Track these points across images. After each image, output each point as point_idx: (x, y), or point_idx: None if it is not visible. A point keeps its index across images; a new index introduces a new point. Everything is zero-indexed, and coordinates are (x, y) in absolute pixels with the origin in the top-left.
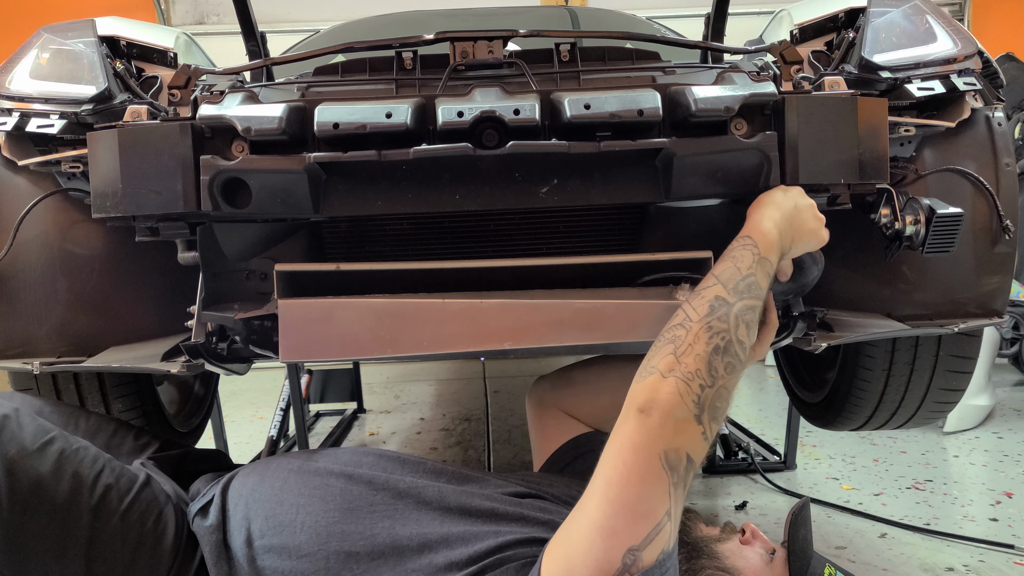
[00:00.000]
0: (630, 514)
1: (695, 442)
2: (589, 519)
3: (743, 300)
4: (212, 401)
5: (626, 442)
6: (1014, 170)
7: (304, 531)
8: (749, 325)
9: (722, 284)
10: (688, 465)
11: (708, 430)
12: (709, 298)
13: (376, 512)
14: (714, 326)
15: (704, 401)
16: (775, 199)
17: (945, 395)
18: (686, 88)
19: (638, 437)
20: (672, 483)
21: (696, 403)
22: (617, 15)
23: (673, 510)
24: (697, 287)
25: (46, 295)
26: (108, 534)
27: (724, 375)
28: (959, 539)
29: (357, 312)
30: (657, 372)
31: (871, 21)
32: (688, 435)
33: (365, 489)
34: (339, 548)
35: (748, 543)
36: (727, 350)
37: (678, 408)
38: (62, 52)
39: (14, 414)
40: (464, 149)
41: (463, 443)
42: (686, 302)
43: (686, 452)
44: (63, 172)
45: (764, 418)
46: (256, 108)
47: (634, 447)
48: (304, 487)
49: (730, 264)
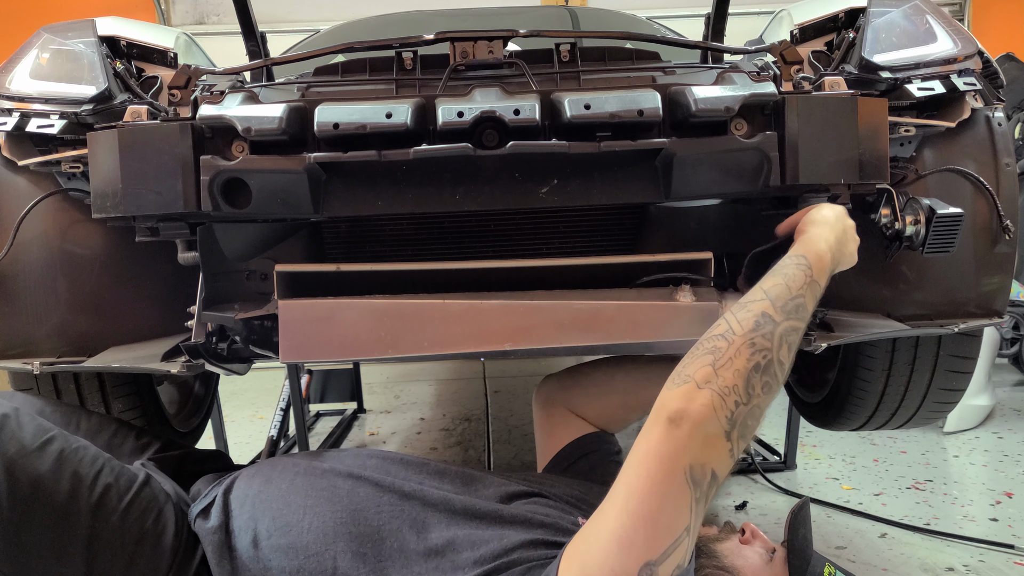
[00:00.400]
0: (650, 527)
1: (722, 459)
2: (608, 528)
3: (790, 320)
4: (212, 401)
5: (652, 452)
6: (1014, 170)
7: (311, 531)
8: (792, 347)
9: (771, 301)
10: (712, 481)
11: (736, 447)
12: (756, 312)
13: (383, 513)
14: (757, 343)
15: (737, 418)
16: (829, 219)
17: (945, 395)
18: (686, 88)
19: (665, 448)
20: (695, 498)
21: (729, 419)
22: (617, 15)
23: (692, 526)
24: (743, 299)
25: (46, 295)
26: (108, 533)
27: (760, 394)
28: (959, 539)
29: (357, 313)
30: (693, 382)
31: (871, 21)
32: (716, 451)
33: (372, 490)
34: (346, 549)
35: (747, 542)
36: (767, 369)
37: (710, 422)
38: (62, 52)
39: (14, 413)
40: (464, 149)
41: (463, 443)
42: (729, 312)
43: (711, 468)
44: (63, 172)
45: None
46: (256, 108)
47: (660, 458)
48: (311, 488)
49: (781, 281)
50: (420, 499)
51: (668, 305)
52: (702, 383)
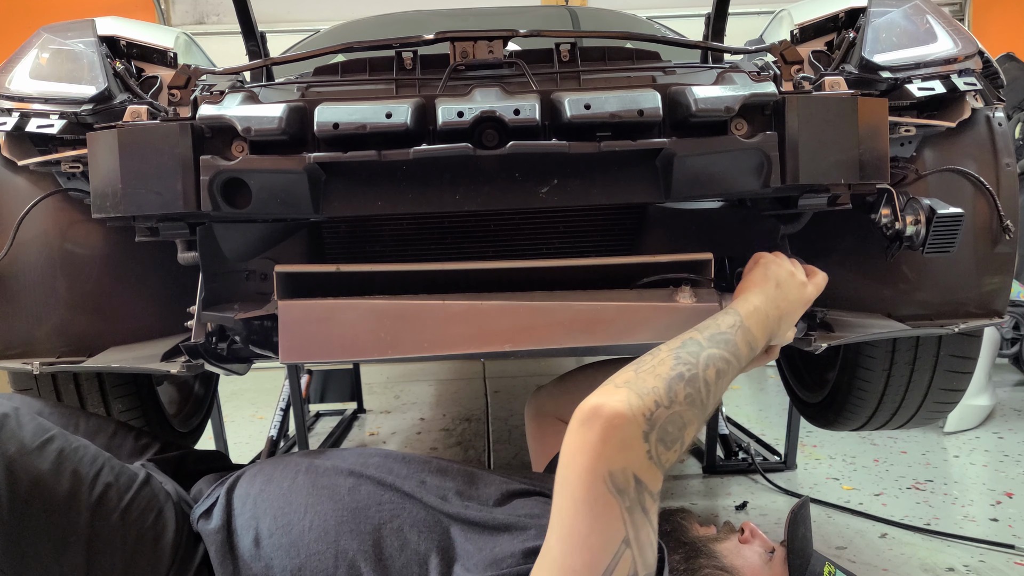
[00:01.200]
0: (585, 551)
1: (641, 462)
2: (551, 558)
3: (717, 348)
4: (212, 401)
5: (569, 469)
6: (1014, 170)
7: (313, 530)
8: (720, 373)
9: (699, 331)
10: (639, 487)
11: (655, 451)
12: (684, 337)
13: (384, 511)
14: (682, 356)
15: (656, 420)
16: (755, 280)
17: (946, 395)
18: (686, 88)
19: (581, 461)
20: (625, 507)
21: (647, 418)
22: (617, 15)
23: (632, 536)
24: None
25: (46, 295)
26: (108, 532)
27: (683, 403)
28: (959, 539)
29: (357, 313)
30: (612, 383)
31: (871, 21)
32: (634, 452)
33: (373, 489)
34: (348, 547)
35: (747, 542)
36: (691, 381)
37: (623, 418)
38: (62, 52)
39: (14, 413)
40: (464, 149)
41: (463, 443)
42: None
43: (633, 472)
44: (63, 172)
45: (764, 418)
46: (256, 108)
47: (579, 475)
48: (313, 487)
49: (711, 321)
50: (420, 499)
51: (668, 306)
52: (620, 383)
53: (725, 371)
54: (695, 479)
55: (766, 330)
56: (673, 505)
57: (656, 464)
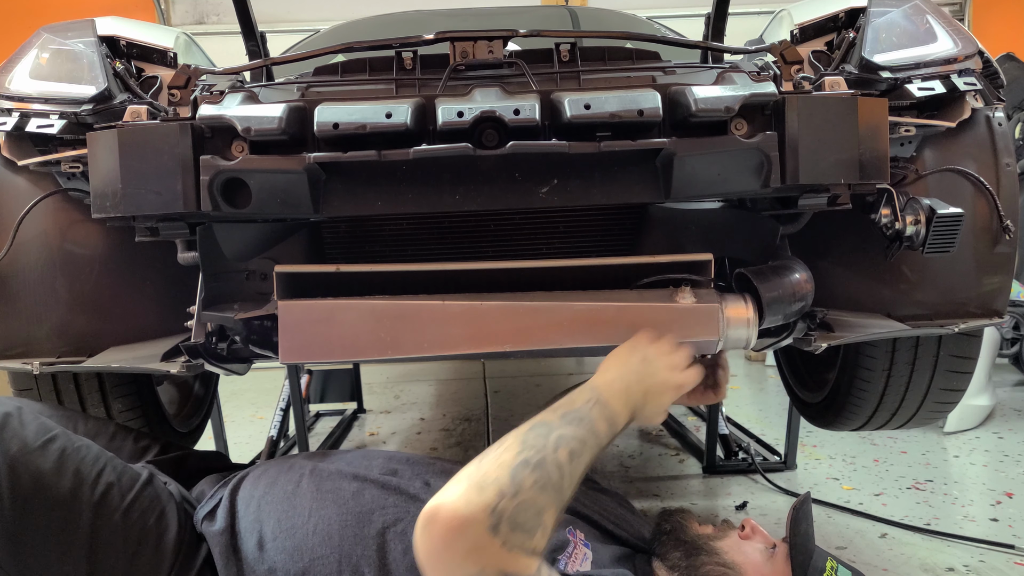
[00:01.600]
0: None
1: (500, 557)
2: None
3: (570, 428)
4: (212, 401)
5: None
6: (1014, 170)
7: (317, 534)
8: (574, 454)
9: (552, 411)
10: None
11: (513, 541)
12: (535, 420)
13: (388, 515)
14: (528, 441)
15: (503, 511)
16: (619, 352)
17: (945, 395)
18: (686, 88)
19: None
20: None
21: (490, 513)
22: (617, 15)
23: None
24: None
25: (46, 295)
26: (109, 531)
27: (531, 489)
28: (959, 539)
29: (357, 313)
30: (454, 480)
31: (871, 21)
32: (487, 552)
33: (378, 493)
34: (352, 551)
35: (748, 538)
36: (539, 466)
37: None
38: (62, 52)
39: (16, 412)
40: (464, 149)
41: (463, 443)
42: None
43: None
44: (63, 172)
45: (764, 418)
46: (256, 108)
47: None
48: (317, 491)
49: (566, 399)
50: (426, 501)
51: (668, 307)
52: (462, 478)
53: (579, 451)
54: (695, 479)
55: (627, 404)
56: (673, 505)
57: (521, 551)
